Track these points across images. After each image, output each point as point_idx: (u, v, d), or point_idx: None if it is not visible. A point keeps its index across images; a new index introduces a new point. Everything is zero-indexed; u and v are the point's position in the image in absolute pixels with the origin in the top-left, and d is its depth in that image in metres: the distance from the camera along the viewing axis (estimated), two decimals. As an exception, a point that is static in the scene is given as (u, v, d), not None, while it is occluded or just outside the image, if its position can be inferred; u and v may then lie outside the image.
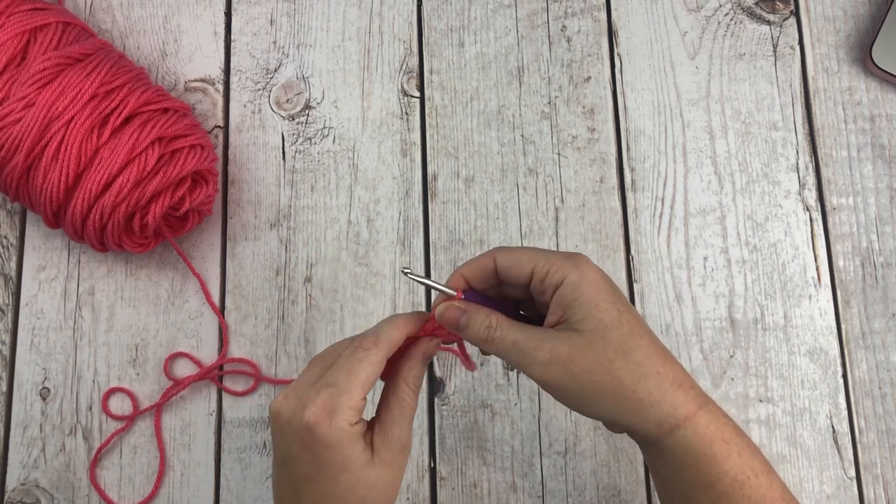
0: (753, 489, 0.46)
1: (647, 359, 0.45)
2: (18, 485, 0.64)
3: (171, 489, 0.64)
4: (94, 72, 0.61)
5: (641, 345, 0.46)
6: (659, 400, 0.45)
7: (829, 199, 0.68)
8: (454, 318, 0.48)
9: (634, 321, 0.46)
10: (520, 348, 0.46)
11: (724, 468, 0.45)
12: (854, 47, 0.71)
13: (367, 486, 0.45)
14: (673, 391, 0.45)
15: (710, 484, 0.45)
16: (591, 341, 0.45)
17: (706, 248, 0.67)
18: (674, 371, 0.46)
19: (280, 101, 0.71)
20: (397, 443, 0.46)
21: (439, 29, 0.72)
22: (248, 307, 0.67)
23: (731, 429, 0.47)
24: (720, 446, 0.45)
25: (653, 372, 0.45)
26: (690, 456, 0.45)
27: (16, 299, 0.67)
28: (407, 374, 0.47)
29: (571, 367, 0.45)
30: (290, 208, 0.69)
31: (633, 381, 0.45)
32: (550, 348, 0.45)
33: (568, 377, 0.45)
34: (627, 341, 0.45)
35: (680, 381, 0.46)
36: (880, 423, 0.64)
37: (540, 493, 0.63)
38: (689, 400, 0.46)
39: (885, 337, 0.65)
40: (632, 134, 0.69)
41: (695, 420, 0.45)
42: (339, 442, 0.44)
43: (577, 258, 0.47)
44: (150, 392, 0.65)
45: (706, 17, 0.72)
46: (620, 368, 0.45)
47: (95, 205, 0.60)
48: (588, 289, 0.46)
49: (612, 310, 0.46)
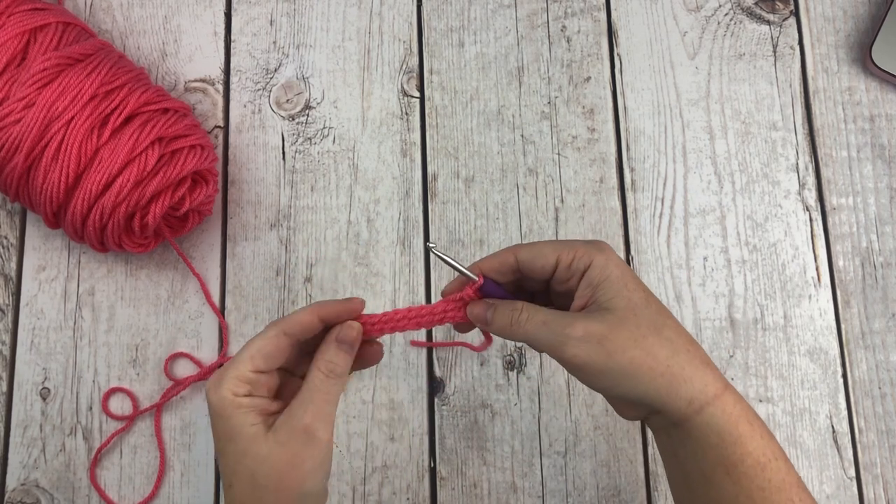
0: (774, 472, 0.46)
1: (677, 336, 0.46)
2: (18, 485, 0.64)
3: (171, 489, 0.64)
4: (94, 72, 0.61)
5: (670, 324, 0.46)
6: (691, 376, 0.45)
7: (829, 199, 0.68)
8: (481, 312, 0.48)
9: (659, 303, 0.47)
10: (551, 328, 0.46)
11: (748, 449, 0.45)
12: (854, 47, 0.71)
13: (255, 459, 0.45)
14: (703, 368, 0.46)
15: (733, 464, 0.45)
16: (624, 318, 0.45)
17: (706, 248, 0.67)
18: (701, 351, 0.47)
19: (280, 101, 0.71)
20: (298, 422, 0.45)
21: (439, 29, 0.72)
22: (248, 307, 0.67)
23: (753, 412, 0.47)
24: (745, 427, 0.46)
25: (683, 349, 0.46)
26: (716, 435, 0.45)
27: (16, 299, 0.67)
28: (318, 358, 0.47)
29: (606, 344, 0.45)
30: (290, 208, 0.69)
31: (667, 356, 0.45)
32: (584, 326, 0.45)
33: (604, 355, 0.45)
34: (658, 319, 0.46)
35: (707, 361, 0.47)
36: (880, 423, 0.64)
37: (540, 493, 0.63)
38: (718, 379, 0.46)
39: (885, 337, 0.65)
40: (632, 134, 0.69)
41: (723, 399, 0.46)
42: (223, 410, 0.45)
43: (600, 243, 0.48)
44: (150, 392, 0.65)
45: (706, 17, 0.72)
46: (655, 344, 0.45)
47: (95, 205, 0.60)
48: (615, 270, 0.46)
49: (640, 290, 0.47)
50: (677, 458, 0.48)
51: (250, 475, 0.45)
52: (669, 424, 0.47)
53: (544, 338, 0.46)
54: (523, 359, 0.65)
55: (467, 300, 0.49)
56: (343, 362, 0.47)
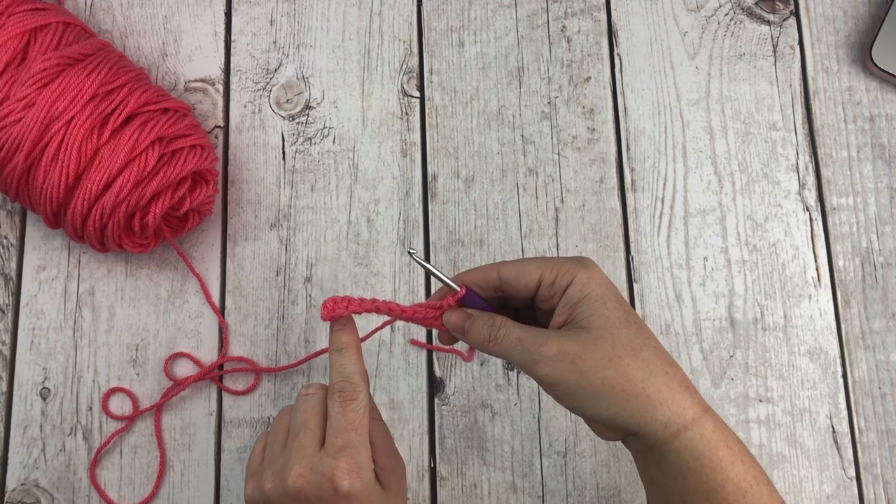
0: (756, 498, 0.45)
1: (655, 358, 0.45)
2: (18, 485, 0.64)
3: (171, 489, 0.64)
4: (94, 72, 0.61)
5: (649, 344, 0.46)
6: (668, 399, 0.45)
7: (829, 199, 0.68)
8: (458, 321, 0.48)
9: (640, 323, 0.46)
10: (525, 345, 0.45)
11: (728, 475, 0.45)
12: (854, 47, 0.71)
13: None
14: (681, 392, 0.45)
15: (713, 490, 0.45)
16: (601, 337, 0.45)
17: (706, 248, 0.67)
18: (680, 374, 0.46)
19: (280, 101, 0.71)
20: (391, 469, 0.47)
21: (439, 29, 0.72)
22: (248, 307, 0.67)
23: (733, 436, 0.46)
24: (725, 452, 0.45)
25: (661, 371, 0.45)
26: (695, 460, 0.45)
27: (16, 299, 0.67)
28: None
29: (580, 363, 0.44)
30: (290, 208, 0.69)
31: (643, 378, 0.44)
32: (558, 344, 0.45)
33: (576, 374, 0.44)
34: (636, 339, 0.45)
35: (686, 384, 0.46)
36: (880, 423, 0.64)
37: (540, 493, 0.63)
38: (696, 403, 0.45)
39: (885, 337, 0.65)
40: (632, 134, 0.69)
41: (701, 423, 0.45)
42: (371, 494, 0.46)
43: (584, 260, 0.47)
44: (150, 392, 0.65)
45: (706, 17, 0.72)
46: (630, 365, 0.44)
47: (95, 205, 0.60)
48: (597, 287, 0.46)
49: (620, 309, 0.46)
50: (655, 483, 0.48)
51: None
52: (646, 447, 0.46)
53: (518, 355, 0.46)
54: (523, 359, 0.65)
55: (446, 308, 0.49)
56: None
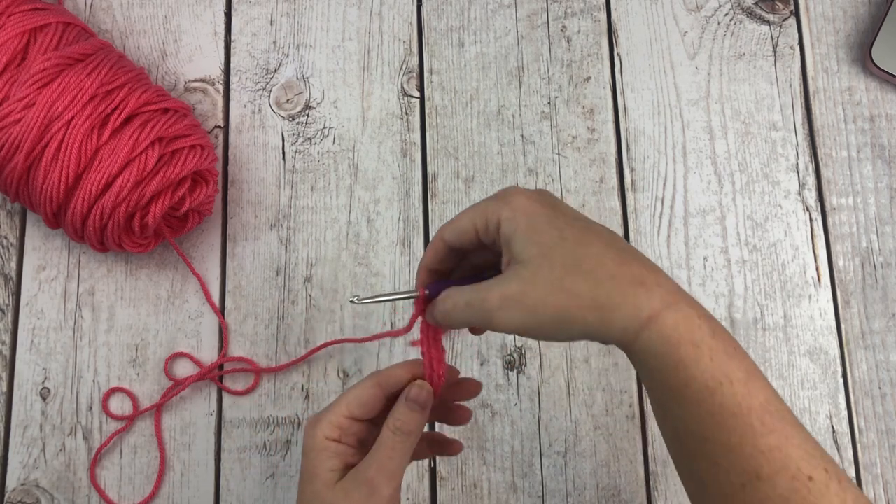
0: (727, 397, 0.41)
1: (598, 266, 0.42)
2: (18, 485, 0.64)
3: (171, 489, 0.64)
4: (94, 72, 0.61)
5: (590, 253, 0.42)
6: (620, 303, 0.41)
7: (829, 199, 0.68)
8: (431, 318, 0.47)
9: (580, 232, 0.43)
10: (473, 306, 0.44)
11: (692, 374, 0.41)
12: (854, 47, 0.71)
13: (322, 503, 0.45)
14: (633, 291, 0.41)
15: (678, 390, 0.41)
16: (538, 266, 0.42)
17: (706, 248, 0.67)
18: (632, 270, 0.42)
19: (280, 101, 0.71)
20: (363, 475, 0.45)
21: (439, 29, 0.72)
22: (248, 307, 0.67)
23: (705, 330, 0.42)
24: (687, 349, 0.41)
25: (607, 277, 0.42)
26: (656, 360, 0.41)
27: (16, 299, 0.67)
28: (389, 415, 0.46)
29: (526, 300, 0.42)
30: (290, 208, 0.69)
31: (590, 290, 0.41)
32: (499, 292, 0.43)
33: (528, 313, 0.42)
34: (574, 254, 0.42)
35: (640, 280, 0.42)
36: (880, 423, 0.64)
37: (540, 493, 0.63)
38: (653, 299, 0.41)
39: (885, 337, 0.65)
40: (632, 134, 0.69)
41: (659, 321, 0.41)
42: (311, 450, 0.46)
43: (505, 194, 0.45)
44: (150, 392, 0.65)
45: (706, 17, 0.72)
46: (574, 282, 0.42)
47: (95, 205, 0.60)
48: (523, 217, 0.43)
49: (551, 229, 0.43)
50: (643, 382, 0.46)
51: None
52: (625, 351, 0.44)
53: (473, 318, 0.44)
54: (523, 359, 0.65)
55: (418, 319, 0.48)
56: (411, 420, 0.46)
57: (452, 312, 0.45)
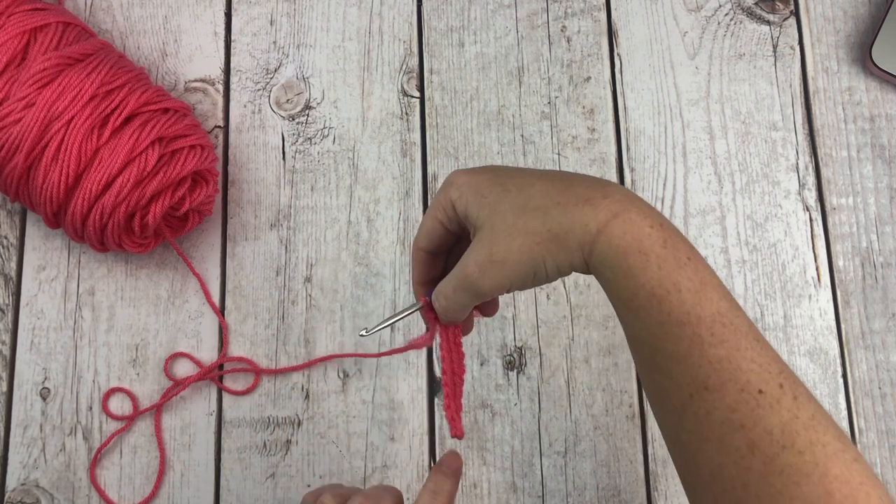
0: (675, 305, 0.40)
1: (543, 199, 0.43)
2: (18, 485, 0.64)
3: (171, 489, 0.64)
4: (94, 72, 0.61)
5: (535, 192, 0.43)
6: (570, 225, 0.42)
7: (829, 199, 0.68)
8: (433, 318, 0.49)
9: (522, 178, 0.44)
10: (459, 287, 0.45)
11: (639, 282, 0.41)
12: (854, 47, 0.71)
13: None
14: (579, 210, 0.42)
15: (628, 299, 0.41)
16: (493, 223, 0.43)
17: (706, 248, 0.67)
18: (577, 192, 0.43)
19: (280, 101, 0.71)
20: None
21: (439, 29, 0.72)
22: (248, 307, 0.67)
23: (655, 239, 0.41)
24: (636, 258, 0.41)
25: (553, 204, 0.42)
26: (610, 272, 0.41)
27: (16, 299, 0.67)
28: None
29: (495, 258, 0.43)
30: (290, 208, 0.69)
31: (541, 224, 0.42)
32: (472, 261, 0.44)
33: (501, 270, 0.43)
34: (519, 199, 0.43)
35: (585, 198, 0.42)
36: (880, 423, 0.64)
37: (540, 493, 0.63)
38: (599, 212, 0.41)
39: (885, 337, 0.65)
40: (632, 134, 0.69)
41: (607, 231, 0.41)
42: None
43: (448, 178, 0.47)
44: (150, 392, 0.65)
45: (706, 17, 0.72)
46: (526, 223, 0.42)
47: (95, 205, 0.60)
48: (468, 192, 0.45)
49: (495, 187, 0.44)
50: None
51: None
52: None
53: (466, 299, 0.45)
54: (523, 359, 0.65)
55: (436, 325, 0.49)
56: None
57: (448, 303, 0.46)
